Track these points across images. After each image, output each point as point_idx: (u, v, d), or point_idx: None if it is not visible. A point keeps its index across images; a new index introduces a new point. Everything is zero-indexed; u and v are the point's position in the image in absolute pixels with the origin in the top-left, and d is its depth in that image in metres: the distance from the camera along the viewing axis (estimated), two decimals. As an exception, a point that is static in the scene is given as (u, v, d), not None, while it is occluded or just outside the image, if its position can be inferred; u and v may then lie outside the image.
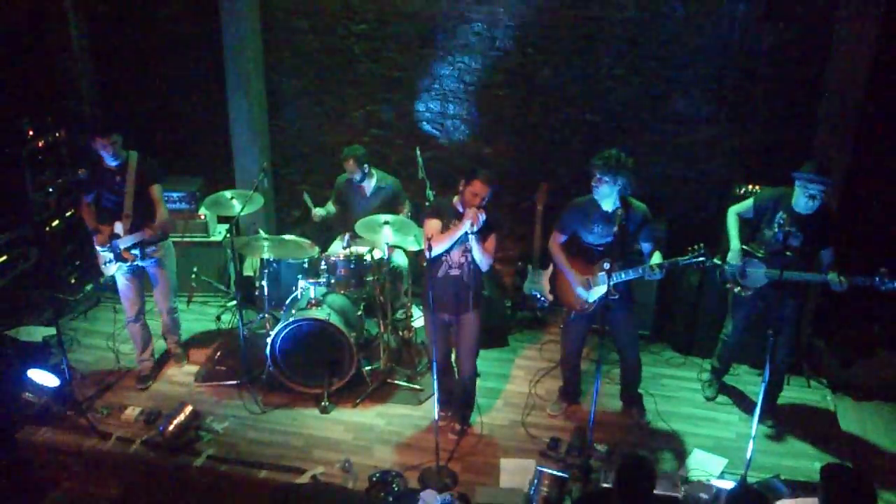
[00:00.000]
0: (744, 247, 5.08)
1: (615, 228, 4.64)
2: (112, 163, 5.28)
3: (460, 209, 4.75)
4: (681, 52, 6.06)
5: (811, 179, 4.72)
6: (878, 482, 4.66)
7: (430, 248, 4.61)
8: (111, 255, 5.39)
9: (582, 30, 6.16)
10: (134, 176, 5.30)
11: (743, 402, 5.59)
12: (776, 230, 4.92)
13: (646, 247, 4.94)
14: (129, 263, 5.43)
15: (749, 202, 5.15)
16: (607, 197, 4.77)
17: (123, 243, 5.35)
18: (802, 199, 4.79)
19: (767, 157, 6.13)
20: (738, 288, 5.13)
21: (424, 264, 4.72)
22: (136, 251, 5.39)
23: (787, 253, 4.79)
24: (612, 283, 4.66)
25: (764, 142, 6.14)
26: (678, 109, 6.22)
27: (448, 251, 4.80)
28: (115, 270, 5.49)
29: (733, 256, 5.07)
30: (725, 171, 6.24)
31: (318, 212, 6.20)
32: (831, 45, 5.62)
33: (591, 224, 4.90)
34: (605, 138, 6.24)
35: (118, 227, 5.34)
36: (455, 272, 4.84)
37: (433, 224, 4.82)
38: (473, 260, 4.79)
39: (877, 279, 4.67)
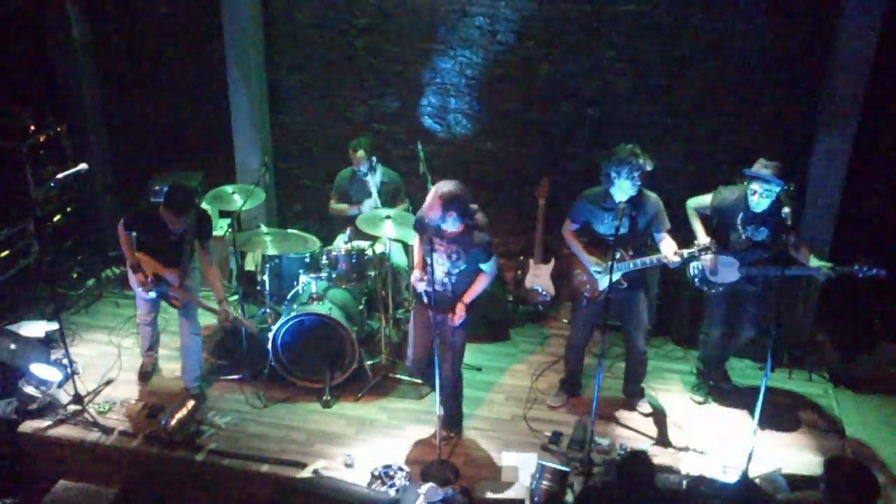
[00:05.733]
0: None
1: (623, 220, 4.68)
2: (176, 231, 5.07)
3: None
4: (682, 45, 6.04)
5: (752, 176, 4.79)
6: (878, 476, 4.66)
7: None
8: (152, 295, 5.31)
9: (583, 23, 6.14)
10: (192, 236, 5.16)
11: (744, 396, 5.58)
12: (741, 231, 4.98)
13: (657, 236, 4.98)
14: (171, 306, 5.39)
15: (707, 199, 5.14)
16: (619, 190, 4.80)
17: (173, 293, 5.27)
18: (750, 198, 4.84)
19: (769, 152, 6.11)
20: (706, 287, 5.14)
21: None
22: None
23: (758, 247, 4.92)
24: (624, 271, 4.77)
25: (766, 136, 6.13)
26: (679, 103, 6.21)
27: (431, 268, 4.65)
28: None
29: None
30: (727, 164, 6.23)
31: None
32: (834, 39, 5.61)
33: (603, 214, 4.94)
34: (607, 132, 6.24)
35: (170, 277, 5.22)
36: (440, 287, 4.76)
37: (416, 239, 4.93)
38: (458, 278, 4.71)
39: (856, 267, 4.73)
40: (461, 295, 4.74)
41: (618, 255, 4.77)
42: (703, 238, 5.02)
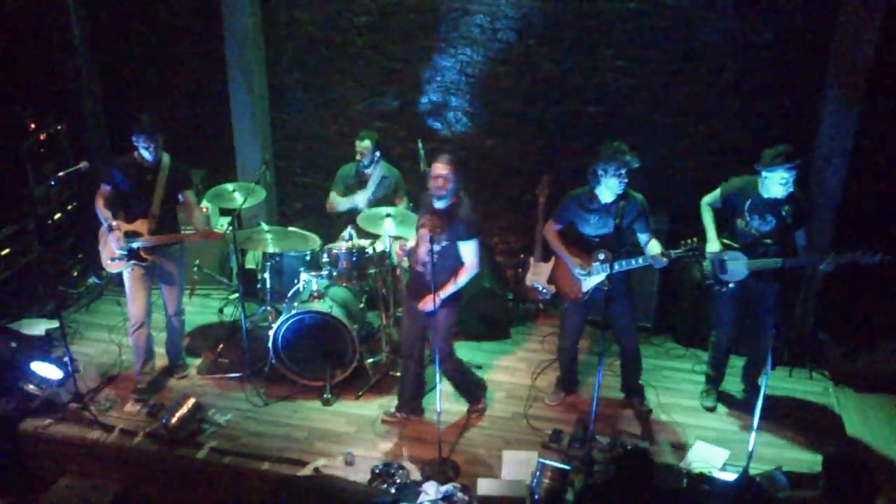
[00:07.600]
0: (722, 240, 5.01)
1: (615, 221, 4.65)
2: (150, 159, 5.19)
3: (432, 202, 4.74)
4: (683, 44, 6.04)
5: (788, 168, 4.66)
6: (878, 474, 4.66)
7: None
8: (124, 252, 5.26)
9: (584, 22, 6.14)
10: (166, 177, 5.26)
11: (745, 395, 5.58)
12: (748, 219, 4.90)
13: (642, 237, 4.94)
14: (145, 263, 5.31)
15: (717, 192, 5.09)
16: (606, 189, 4.78)
17: (142, 243, 5.24)
18: (775, 185, 4.73)
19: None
20: (719, 286, 5.05)
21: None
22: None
23: (766, 241, 4.81)
24: (610, 272, 4.68)
25: (766, 135, 6.11)
26: (680, 102, 6.21)
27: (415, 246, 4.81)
28: (121, 268, 5.36)
29: (711, 247, 4.97)
30: (727, 164, 6.22)
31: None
32: (834, 39, 5.60)
33: (588, 215, 4.92)
34: (607, 130, 6.22)
35: (140, 226, 5.24)
36: (419, 268, 4.83)
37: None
38: (438, 259, 4.68)
39: (859, 253, 4.66)
40: (439, 284, 4.73)
41: (602, 256, 4.77)
42: (714, 243, 4.96)
